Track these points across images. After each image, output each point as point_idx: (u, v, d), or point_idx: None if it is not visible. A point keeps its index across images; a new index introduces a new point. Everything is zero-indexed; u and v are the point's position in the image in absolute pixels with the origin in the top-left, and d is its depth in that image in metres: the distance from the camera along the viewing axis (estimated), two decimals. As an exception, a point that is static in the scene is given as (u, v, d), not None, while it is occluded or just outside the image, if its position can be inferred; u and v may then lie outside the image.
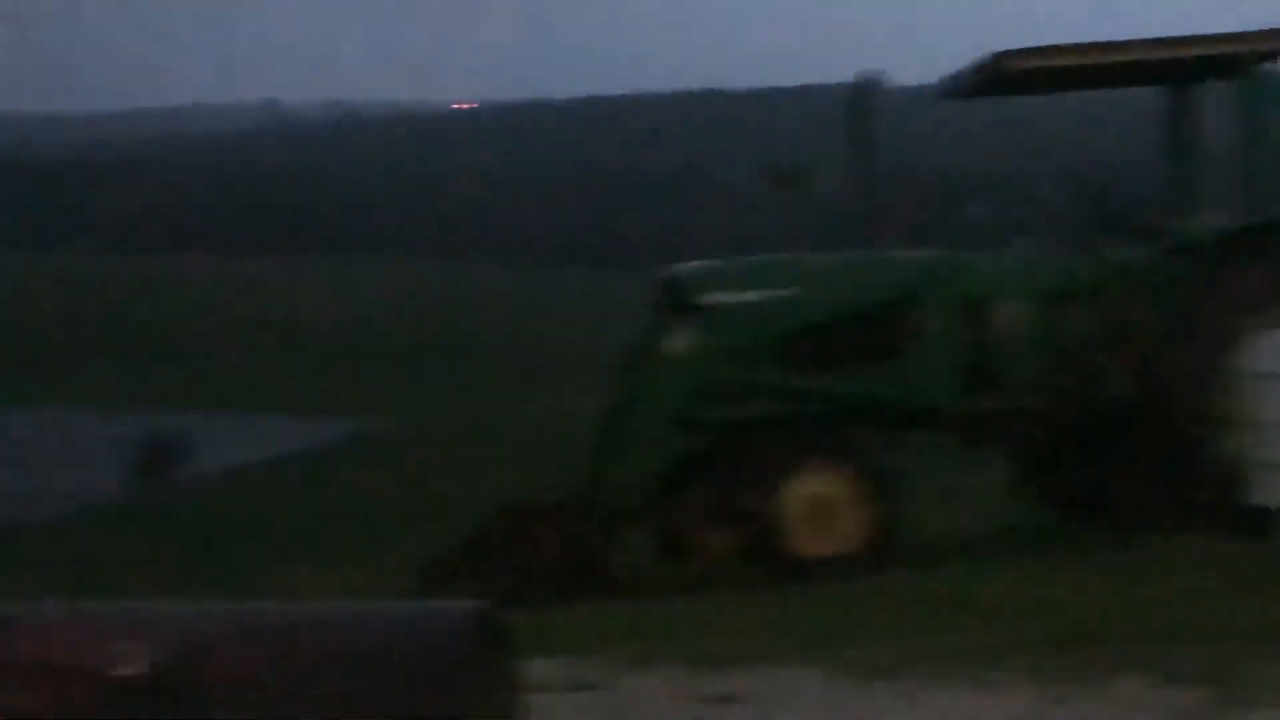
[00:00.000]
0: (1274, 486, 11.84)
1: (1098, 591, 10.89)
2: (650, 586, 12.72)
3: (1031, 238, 14.41)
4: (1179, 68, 13.92)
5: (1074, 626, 10.04)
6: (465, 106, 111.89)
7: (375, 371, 39.83)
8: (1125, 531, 12.86)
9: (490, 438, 28.55)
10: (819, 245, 14.14)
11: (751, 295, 13.34)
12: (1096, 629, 9.96)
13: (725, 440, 13.34)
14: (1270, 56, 13.67)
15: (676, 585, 12.74)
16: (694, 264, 14.02)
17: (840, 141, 14.20)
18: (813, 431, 13.08)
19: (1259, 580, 10.82)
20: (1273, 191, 13.43)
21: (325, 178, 78.37)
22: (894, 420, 13.48)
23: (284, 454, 28.53)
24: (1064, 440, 13.84)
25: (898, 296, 13.45)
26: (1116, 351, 13.41)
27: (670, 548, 13.56)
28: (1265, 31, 13.61)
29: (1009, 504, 15.04)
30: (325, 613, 4.98)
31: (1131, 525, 13.04)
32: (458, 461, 25.61)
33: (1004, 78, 13.83)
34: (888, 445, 13.39)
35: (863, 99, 13.93)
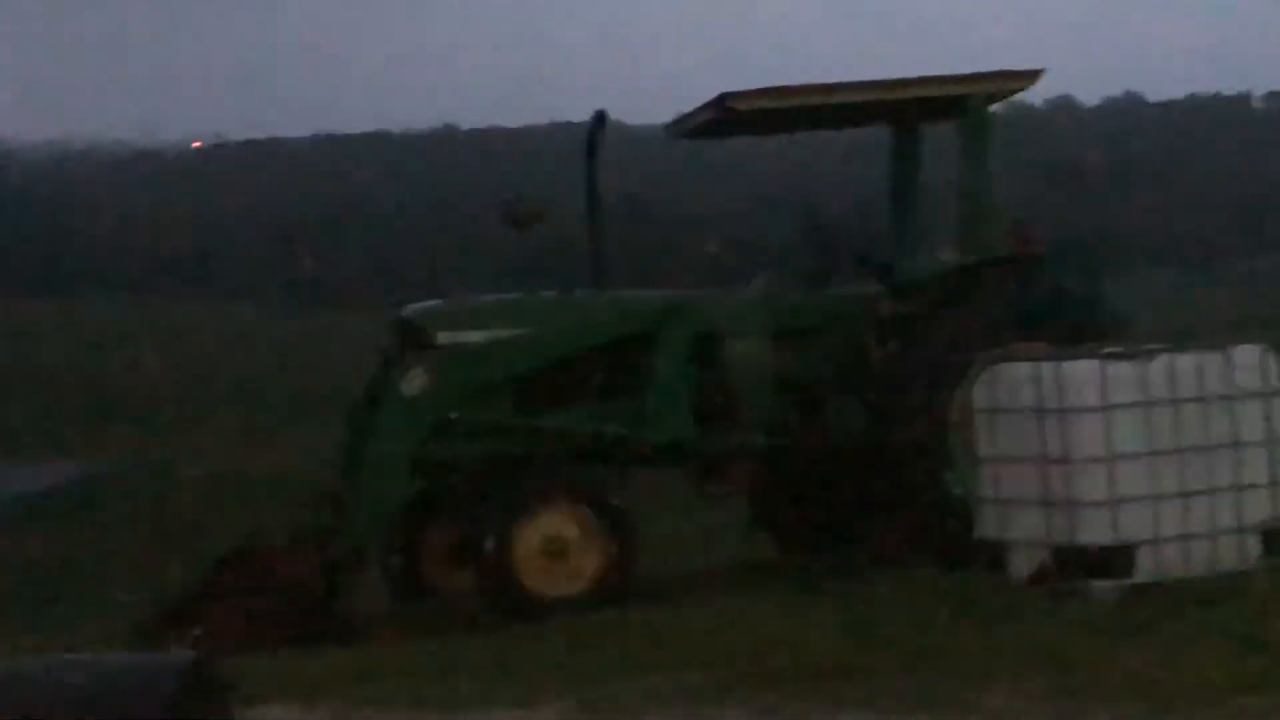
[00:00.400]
0: (999, 520, 12.05)
1: (830, 627, 11.00)
2: (386, 628, 12.59)
3: (765, 275, 14.54)
4: (904, 108, 14.16)
5: (807, 662, 10.12)
6: (200, 145, 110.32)
7: (102, 414, 39.02)
8: (857, 566, 13.02)
9: (223, 480, 28.11)
10: (555, 284, 14.09)
11: (486, 334, 13.29)
12: (829, 664, 10.05)
13: (461, 480, 13.27)
14: (992, 98, 13.98)
15: (413, 626, 12.64)
16: (429, 303, 13.93)
17: (577, 180, 14.22)
18: (548, 471, 13.05)
19: (987, 612, 11.01)
20: (994, 230, 13.72)
21: (47, 217, 76.69)
22: (630, 458, 13.50)
23: (2, 499, 27.78)
24: (798, 476, 13.98)
25: (632, 335, 13.49)
26: (847, 388, 13.58)
27: (407, 588, 13.45)
28: (987, 74, 13.91)
29: (744, 541, 15.15)
30: (27, 667, 4.82)
31: (863, 560, 13.20)
32: (189, 505, 25.17)
33: (731, 118, 13.96)
34: (623, 484, 13.41)
35: (595, 137, 13.97)
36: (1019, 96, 14.52)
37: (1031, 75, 14.03)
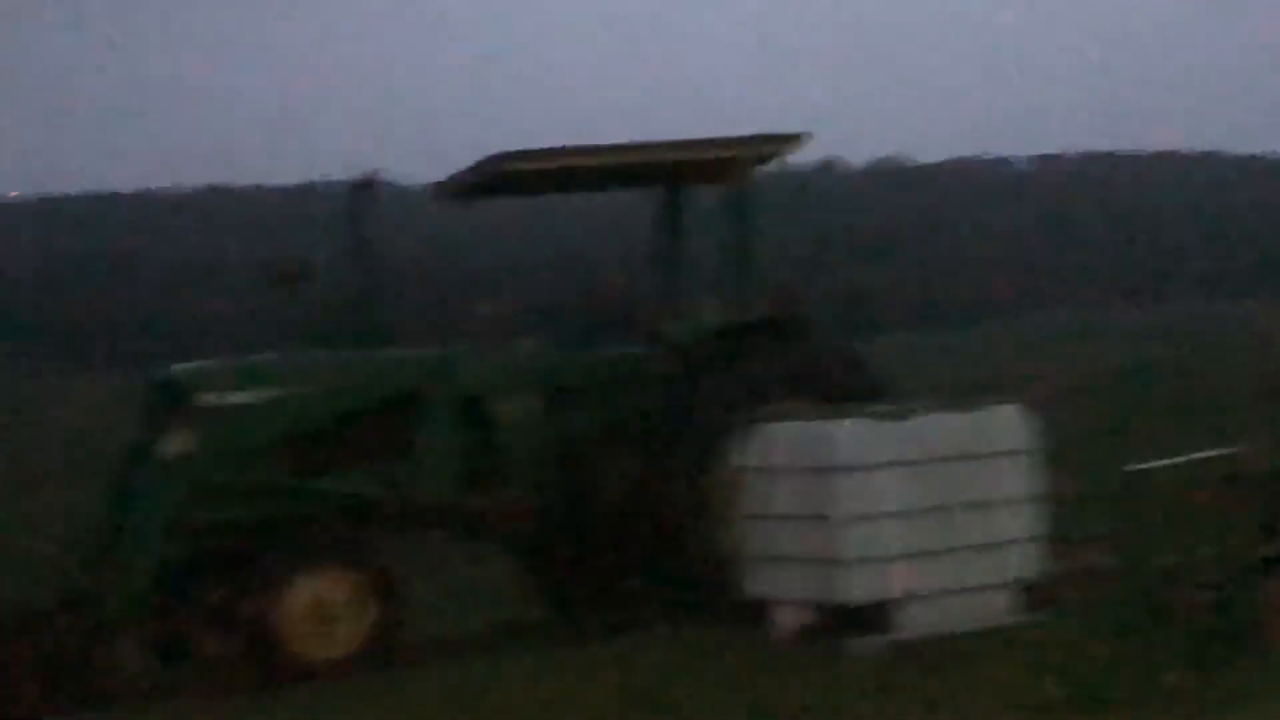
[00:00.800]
0: (766, 578, 12.16)
1: (601, 687, 11.02)
2: (150, 695, 12.39)
3: (532, 335, 14.57)
4: (671, 171, 14.29)
5: (575, 722, 10.13)
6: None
7: None
8: (625, 625, 13.05)
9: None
10: (321, 344, 13.99)
11: (250, 395, 13.15)
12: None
13: (226, 543, 13.09)
14: (758, 161, 14.15)
15: (177, 693, 12.44)
16: (192, 364, 13.75)
17: (343, 239, 14.16)
18: (314, 533, 12.94)
19: (755, 670, 11.11)
20: (759, 291, 13.89)
21: None
22: (398, 519, 13.42)
23: None
24: (565, 535, 13.99)
25: (399, 394, 13.44)
26: (614, 447, 13.64)
27: (171, 654, 13.23)
28: (752, 137, 14.08)
29: (513, 600, 15.12)
30: None
31: (631, 619, 13.24)
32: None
33: (500, 179, 14.00)
34: (391, 544, 13.32)
35: (363, 197, 13.92)
36: (786, 158, 14.72)
37: (795, 139, 14.23)
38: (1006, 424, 12.40)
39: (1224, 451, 14.11)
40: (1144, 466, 12.07)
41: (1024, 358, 42.38)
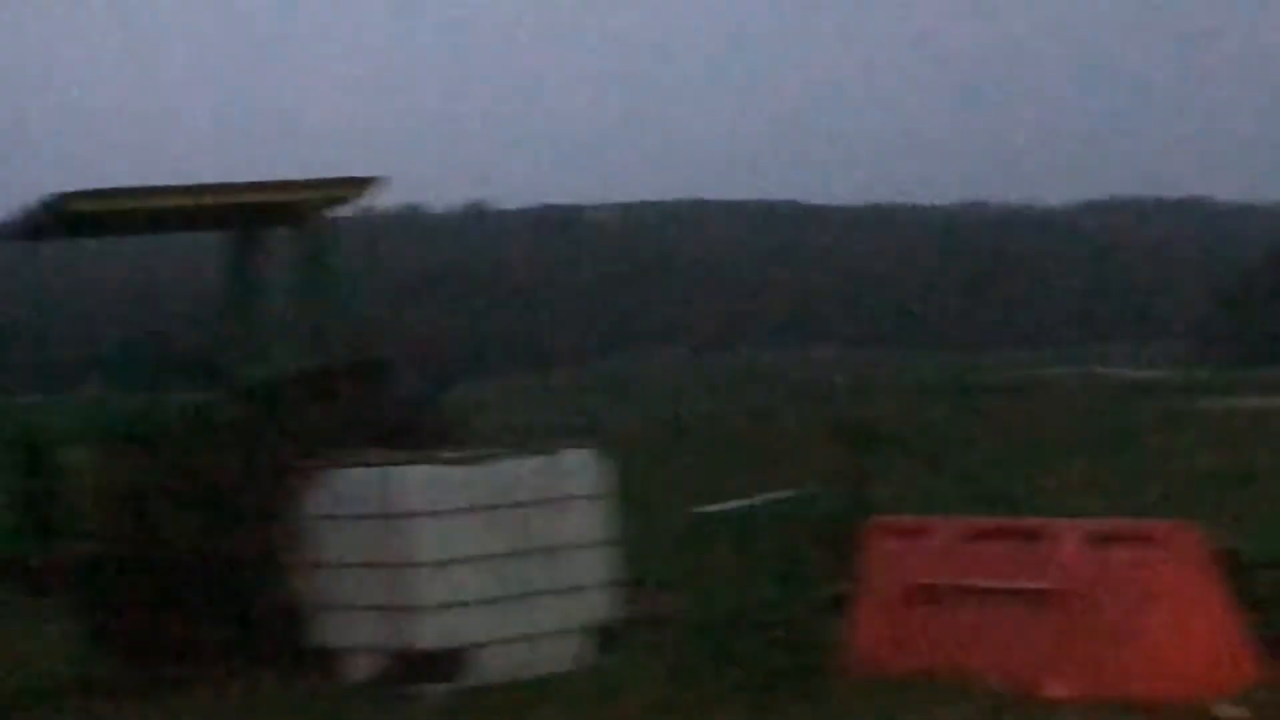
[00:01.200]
0: (337, 626, 12.01)
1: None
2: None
3: (92, 380, 14.17)
4: (242, 213, 14.06)
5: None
6: None
7: None
8: (194, 678, 12.76)
9: None
10: None
11: None
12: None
13: None
14: (329, 205, 14.02)
15: None
16: None
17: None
18: None
19: (319, 719, 10.96)
20: (332, 335, 13.75)
21: None
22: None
23: None
24: (131, 585, 13.62)
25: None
26: (182, 494, 13.34)
27: None
28: (322, 180, 13.95)
29: (79, 653, 14.67)
30: None
31: (200, 669, 12.95)
32: None
33: (67, 219, 13.61)
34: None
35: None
36: (363, 202, 14.60)
37: (368, 183, 14.13)
38: (579, 468, 12.47)
39: (793, 493, 14.47)
40: (712, 509, 12.28)
41: (602, 402, 42.93)
